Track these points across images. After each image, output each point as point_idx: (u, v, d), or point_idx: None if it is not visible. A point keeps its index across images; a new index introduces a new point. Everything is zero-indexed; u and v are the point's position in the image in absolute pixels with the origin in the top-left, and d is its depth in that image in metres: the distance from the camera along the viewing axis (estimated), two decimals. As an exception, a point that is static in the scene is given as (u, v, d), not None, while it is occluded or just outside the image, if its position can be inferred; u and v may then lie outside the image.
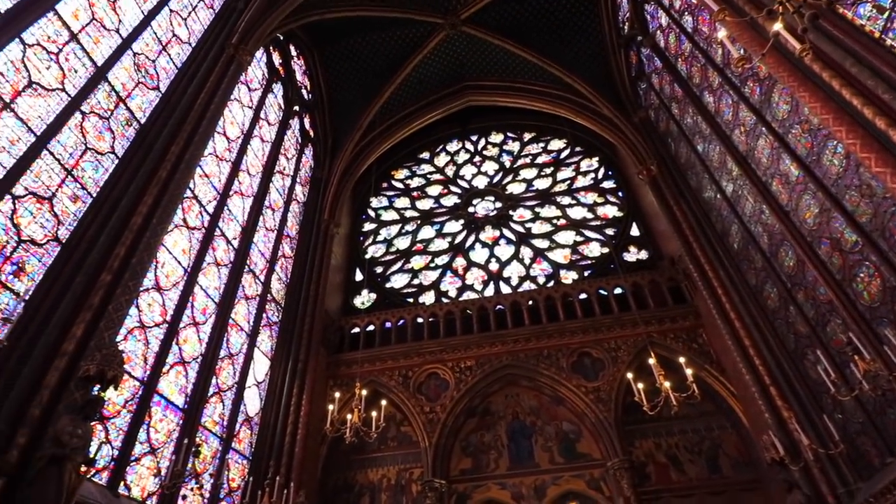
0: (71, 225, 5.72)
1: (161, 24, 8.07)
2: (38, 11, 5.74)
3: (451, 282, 12.96)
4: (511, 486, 9.47)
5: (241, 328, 8.76)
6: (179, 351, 7.13)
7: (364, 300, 12.87)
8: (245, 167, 9.84)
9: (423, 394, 10.55)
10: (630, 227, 13.07)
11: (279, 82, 12.28)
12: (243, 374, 8.48)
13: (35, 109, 5.60)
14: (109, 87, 6.72)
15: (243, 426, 8.30)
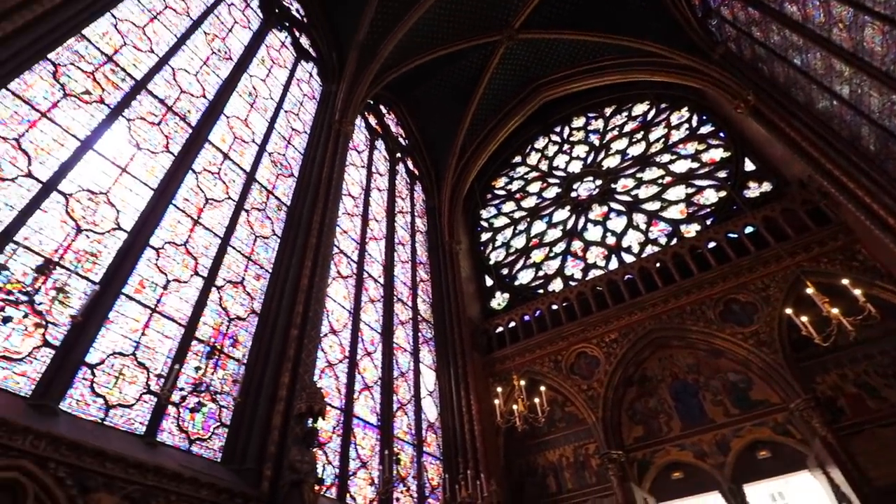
0: (260, 298, 6.60)
1: (281, 125, 9.07)
2: (198, 145, 6.81)
3: (573, 265, 12.48)
4: (690, 445, 8.67)
5: (405, 349, 9.28)
6: (362, 379, 7.75)
7: (499, 301, 12.91)
8: (371, 216, 10.55)
9: (576, 374, 10.21)
10: (742, 164, 11.49)
11: (379, 138, 13.05)
12: (416, 388, 8.95)
13: (214, 218, 6.59)
14: (258, 185, 7.69)
15: (428, 431, 8.72)
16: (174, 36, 7.49)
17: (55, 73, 5.42)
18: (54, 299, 4.36)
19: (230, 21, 9.17)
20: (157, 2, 7.56)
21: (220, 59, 8.35)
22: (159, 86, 6.74)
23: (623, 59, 13.34)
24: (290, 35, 11.02)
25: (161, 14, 7.47)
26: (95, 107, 5.69)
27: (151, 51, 6.92)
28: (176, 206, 6.03)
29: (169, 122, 6.59)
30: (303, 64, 11.01)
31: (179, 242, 5.88)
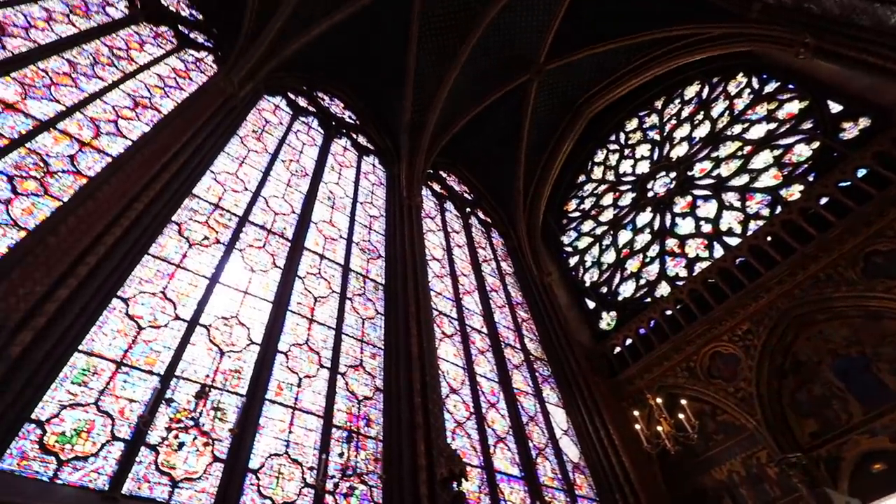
0: (380, 375, 6.79)
1: (360, 215, 9.73)
2: (298, 254, 7.46)
3: (674, 264, 11.47)
4: (882, 429, 7.11)
5: (526, 392, 8.91)
6: (493, 432, 7.49)
7: (608, 321, 12.10)
8: (458, 272, 10.67)
9: (716, 377, 9.05)
10: (826, 108, 10.15)
11: (447, 200, 13.45)
12: (549, 429, 8.45)
13: (325, 313, 7.04)
14: (354, 273, 8.18)
15: (575, 473, 8.08)
16: (259, 171, 8.54)
17: (179, 230, 6.34)
18: (214, 418, 4.81)
19: (299, 144, 10.29)
20: (241, 149, 8.73)
21: (299, 177, 9.31)
22: (257, 215, 7.61)
23: (656, 51, 12.94)
24: (348, 139, 12.07)
25: (246, 158, 8.60)
26: (214, 248, 6.52)
27: (246, 189, 7.91)
28: (292, 312, 6.55)
29: (271, 242, 7.35)
30: (365, 159, 11.92)
31: (302, 342, 6.32)
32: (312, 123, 11.46)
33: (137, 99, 7.81)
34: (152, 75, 8.60)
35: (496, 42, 13.00)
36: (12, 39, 6.94)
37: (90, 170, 6.07)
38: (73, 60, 7.49)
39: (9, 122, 5.82)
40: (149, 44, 9.31)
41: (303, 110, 11.48)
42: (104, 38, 8.42)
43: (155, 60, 8.94)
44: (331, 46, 11.92)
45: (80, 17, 8.43)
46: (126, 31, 9.08)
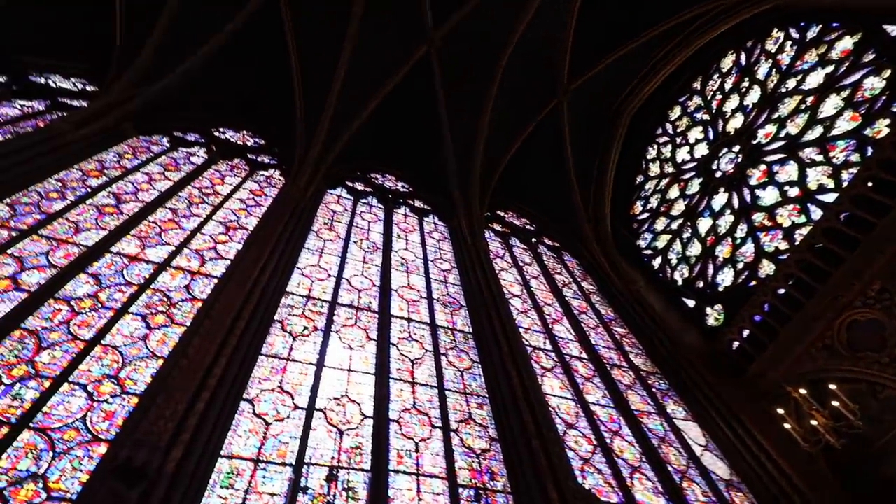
0: (492, 424, 6.55)
1: (434, 272, 9.88)
2: (386, 322, 7.66)
3: (769, 239, 10.31)
4: None
5: (648, 412, 8.13)
6: (624, 462, 6.83)
7: (714, 316, 10.94)
8: (541, 303, 10.31)
9: (861, 349, 7.70)
10: (883, 32, 9.05)
11: (511, 237, 13.31)
12: (686, 448, 7.55)
13: (424, 373, 7.03)
14: (441, 328, 8.19)
15: (730, 491, 7.05)
16: (337, 257, 9.09)
17: (282, 326, 6.80)
18: (348, 498, 4.85)
19: (365, 223, 10.88)
20: (318, 242, 9.39)
21: (372, 252, 9.76)
22: (343, 296, 8.00)
23: (675, 38, 12.56)
24: (406, 206, 12.58)
25: (323, 248, 9.22)
26: (314, 335, 6.88)
27: (329, 276, 8.41)
28: (394, 379, 6.63)
29: (361, 317, 7.64)
30: (425, 219, 12.29)
31: (409, 406, 6.31)
32: (372, 202, 12.15)
33: (227, 224, 8.77)
34: (235, 201, 9.67)
35: (517, 78, 13.25)
36: (126, 204, 8.19)
37: (203, 293, 6.79)
38: (173, 207, 8.64)
39: (135, 271, 6.74)
40: (228, 176, 10.56)
41: (361, 193, 12.24)
42: (193, 182, 9.68)
43: (235, 188, 10.09)
44: (372, 131, 12.78)
45: (172, 171, 9.81)
46: (209, 171, 10.40)
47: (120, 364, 5.24)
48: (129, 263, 6.82)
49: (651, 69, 13.60)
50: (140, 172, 9.32)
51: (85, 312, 5.73)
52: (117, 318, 5.82)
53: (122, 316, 5.88)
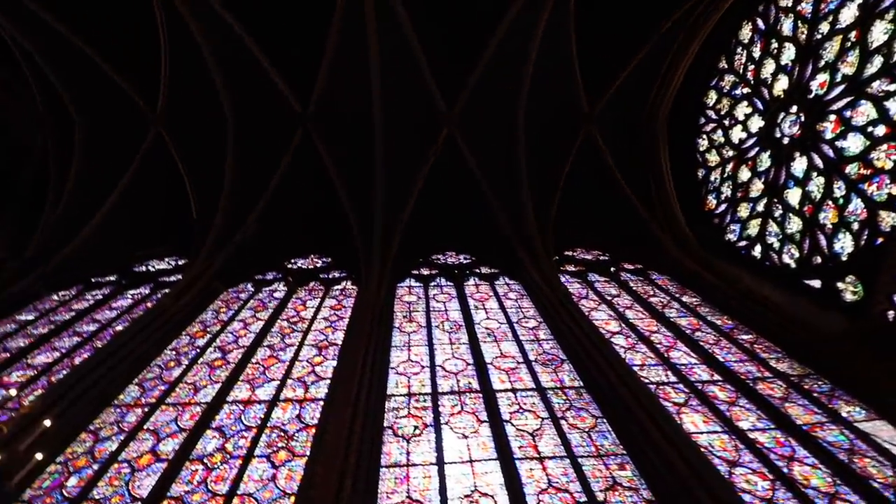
0: (641, 482, 5.82)
1: (523, 334, 9.56)
2: (493, 399, 7.35)
3: (876, 186, 9.04)
4: None
5: (821, 423, 6.88)
6: (816, 492, 5.70)
7: (850, 289, 9.39)
8: (645, 333, 9.53)
9: None
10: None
11: (588, 273, 12.77)
12: (886, 454, 6.20)
13: (547, 445, 6.53)
14: (550, 390, 7.72)
15: (973, 498, 5.57)
16: (424, 346, 9.11)
17: (394, 432, 6.73)
18: None
19: (441, 305, 10.99)
20: (403, 336, 9.53)
21: (456, 332, 9.70)
22: (442, 384, 7.87)
23: (680, 30, 12.44)
24: (474, 276, 12.61)
25: (409, 342, 9.32)
26: (425, 433, 6.72)
27: (422, 367, 8.39)
28: (518, 458, 6.20)
29: (465, 401, 7.41)
30: (497, 283, 12.19)
31: (545, 486, 5.80)
32: (441, 282, 12.33)
33: (318, 344, 9.21)
34: (320, 321, 10.22)
35: (541, 124, 13.52)
36: (230, 354, 8.90)
37: (313, 418, 6.99)
38: (269, 344, 9.28)
39: (251, 414, 7.13)
40: (308, 300, 11.31)
41: (428, 277, 12.52)
42: (280, 316, 10.44)
43: (317, 309, 10.73)
44: (420, 218, 13.33)
45: (261, 311, 10.68)
46: (291, 301, 11.22)
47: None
48: (244, 408, 7.25)
49: (669, 66, 13.35)
50: (235, 321, 10.23)
51: (217, 467, 6.05)
52: (245, 464, 6.08)
53: (249, 462, 6.14)
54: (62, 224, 13.11)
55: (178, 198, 13.80)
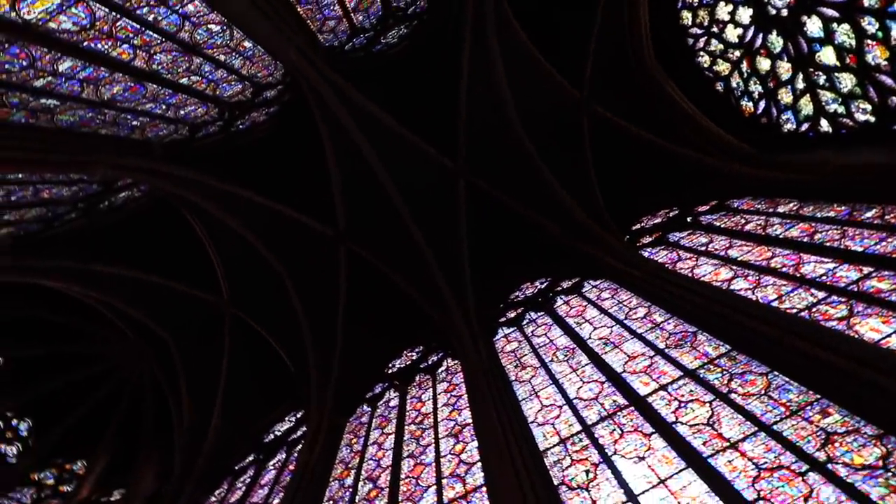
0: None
1: (636, 325, 9.02)
2: (643, 405, 6.83)
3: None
4: None
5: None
6: None
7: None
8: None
9: None
10: None
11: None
12: None
13: (730, 426, 5.90)
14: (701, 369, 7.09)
15: None
16: (550, 384, 8.76)
17: (566, 485, 6.34)
18: None
19: (544, 338, 10.65)
20: (525, 386, 9.25)
21: (572, 357, 9.30)
22: (588, 415, 7.44)
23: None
24: (559, 296, 12.23)
25: (535, 387, 9.01)
26: (599, 473, 6.28)
27: (559, 406, 8.01)
28: (709, 456, 5.59)
29: (620, 420, 6.92)
30: (583, 291, 11.72)
31: (755, 471, 5.16)
32: (532, 315, 12.03)
33: (453, 432, 9.10)
34: (442, 409, 10.18)
35: (545, 125, 13.54)
36: (380, 479, 8.93)
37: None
38: (409, 453, 9.25)
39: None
40: (422, 395, 11.35)
41: (517, 318, 12.25)
42: (406, 421, 10.49)
43: (434, 400, 10.73)
44: (486, 266, 13.39)
45: (387, 425, 10.78)
46: (408, 403, 11.29)
47: None
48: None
49: (630, 12, 13.18)
50: (370, 446, 10.39)
51: None
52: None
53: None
54: (191, 430, 14.31)
55: (271, 358, 14.81)
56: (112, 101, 9.27)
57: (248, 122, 12.66)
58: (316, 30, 10.32)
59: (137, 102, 9.72)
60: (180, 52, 8.83)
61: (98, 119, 9.71)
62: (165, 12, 7.81)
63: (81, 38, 7.45)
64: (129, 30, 7.85)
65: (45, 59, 7.57)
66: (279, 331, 14.74)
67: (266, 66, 10.86)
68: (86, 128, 9.70)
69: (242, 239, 13.79)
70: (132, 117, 10.16)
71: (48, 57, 7.56)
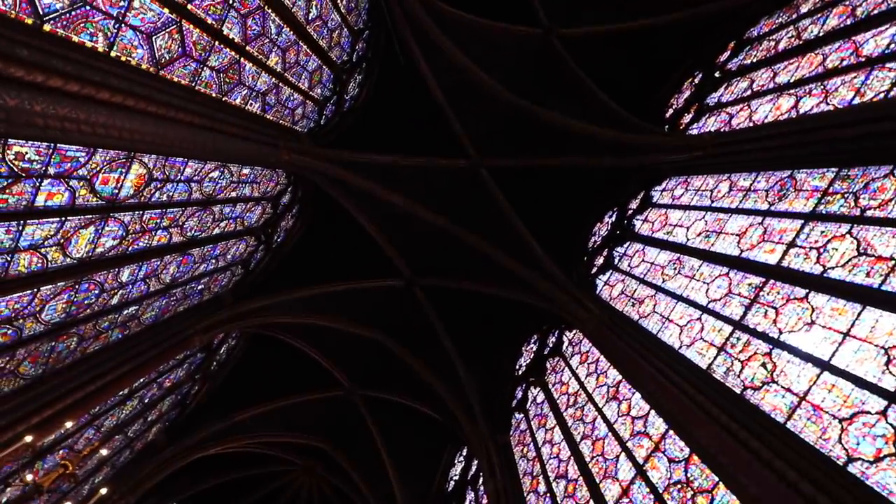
0: None
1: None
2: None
3: None
4: None
5: None
6: None
7: None
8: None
9: None
10: None
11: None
12: None
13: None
14: (817, 207, 6.47)
15: None
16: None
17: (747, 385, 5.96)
18: None
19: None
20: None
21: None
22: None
23: None
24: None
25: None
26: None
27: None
28: (884, 286, 5.05)
29: (770, 300, 6.45)
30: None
31: None
32: (621, 249, 11.59)
33: (614, 398, 8.89)
34: (586, 380, 9.99)
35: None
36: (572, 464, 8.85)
37: (682, 450, 6.49)
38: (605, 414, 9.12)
39: (639, 497, 6.84)
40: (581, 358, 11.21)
41: (608, 261, 11.81)
42: (562, 409, 10.38)
43: (575, 376, 10.58)
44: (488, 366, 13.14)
45: (545, 424, 10.74)
46: (558, 381, 11.19)
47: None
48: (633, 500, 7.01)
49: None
50: (548, 445, 10.39)
51: (675, 559, 5.75)
52: (690, 536, 5.69)
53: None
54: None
55: (416, 417, 15.45)
56: (174, 281, 10.29)
57: (283, 233, 13.50)
58: (291, 124, 10.90)
59: (192, 270, 10.72)
60: (201, 209, 9.68)
61: (172, 302, 10.80)
62: (172, 186, 8.62)
63: (125, 246, 8.39)
64: (155, 217, 8.73)
65: (108, 279, 8.60)
66: (408, 389, 15.28)
67: (269, 178, 11.59)
68: (167, 314, 10.82)
69: (329, 328, 14.58)
70: (195, 284, 11.21)
71: (109, 276, 8.57)
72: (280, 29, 8.87)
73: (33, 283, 6.70)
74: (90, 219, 7.15)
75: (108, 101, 5.54)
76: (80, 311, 8.25)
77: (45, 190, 6.15)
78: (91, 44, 5.58)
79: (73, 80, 5.05)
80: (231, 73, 8.20)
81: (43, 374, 7.96)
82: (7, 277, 6.31)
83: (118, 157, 6.93)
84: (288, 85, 9.91)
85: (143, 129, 6.16)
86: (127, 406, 11.61)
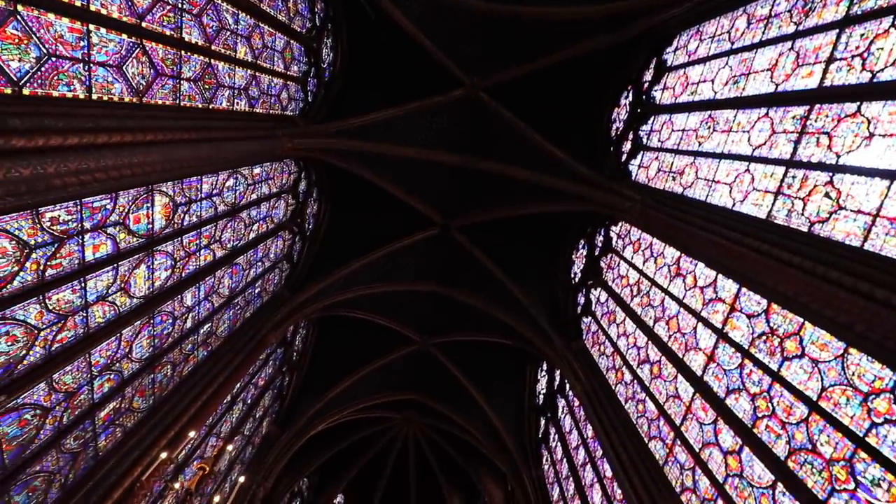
0: None
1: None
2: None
3: None
4: None
5: None
6: None
7: None
8: None
9: None
10: None
11: None
12: None
13: None
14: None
15: None
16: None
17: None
18: None
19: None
20: (696, 186, 8.47)
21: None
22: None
23: None
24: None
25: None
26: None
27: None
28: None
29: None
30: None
31: None
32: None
33: (676, 274, 8.77)
34: (644, 266, 9.87)
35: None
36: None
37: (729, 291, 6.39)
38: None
39: (726, 359, 6.88)
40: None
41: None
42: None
43: (632, 266, 10.46)
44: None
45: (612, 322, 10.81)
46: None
47: None
48: (724, 357, 7.08)
49: None
50: (624, 338, 10.54)
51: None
52: (778, 377, 5.74)
53: (781, 371, 5.78)
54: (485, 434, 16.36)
55: (490, 348, 16.04)
56: (232, 292, 10.83)
57: (311, 220, 13.72)
58: (281, 110, 10.73)
59: (244, 277, 11.21)
60: (230, 219, 9.94)
61: (238, 311, 11.43)
62: (197, 206, 8.85)
63: (178, 274, 8.83)
64: (193, 239, 9.06)
65: (175, 307, 9.15)
66: (476, 326, 15.75)
67: (281, 171, 11.64)
68: (238, 323, 11.50)
69: (387, 293, 15.07)
70: (251, 289, 11.75)
71: (175, 304, 9.11)
72: (236, 16, 8.51)
73: (114, 330, 7.23)
74: (138, 258, 7.50)
75: (108, 143, 5.61)
76: (164, 341, 8.89)
77: (90, 244, 6.47)
78: (70, 93, 5.59)
79: (70, 133, 5.12)
80: (207, 79, 8.05)
81: (154, 403, 8.78)
82: (90, 331, 6.84)
83: (139, 194, 7.12)
84: (264, 72, 9.65)
85: (150, 160, 6.25)
86: (235, 410, 12.73)
